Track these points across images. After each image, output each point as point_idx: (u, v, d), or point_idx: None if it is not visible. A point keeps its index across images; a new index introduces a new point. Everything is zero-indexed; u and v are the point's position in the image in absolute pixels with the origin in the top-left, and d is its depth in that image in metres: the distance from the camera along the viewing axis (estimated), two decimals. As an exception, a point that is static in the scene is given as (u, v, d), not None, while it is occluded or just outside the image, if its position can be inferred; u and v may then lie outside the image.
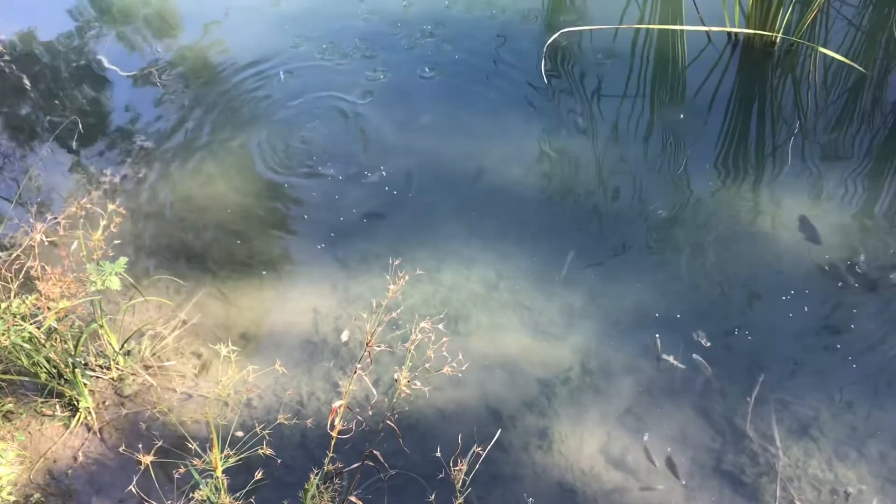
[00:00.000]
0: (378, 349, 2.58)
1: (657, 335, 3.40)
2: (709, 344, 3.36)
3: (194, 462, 2.32)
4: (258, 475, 2.39)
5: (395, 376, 2.55)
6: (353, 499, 2.73)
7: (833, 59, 4.46)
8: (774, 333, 3.39)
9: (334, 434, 2.59)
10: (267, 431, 2.40)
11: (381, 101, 4.53)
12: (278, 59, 4.80)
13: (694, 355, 3.31)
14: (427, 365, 2.61)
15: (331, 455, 2.64)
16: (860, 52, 4.65)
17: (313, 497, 2.58)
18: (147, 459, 2.20)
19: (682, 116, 4.35)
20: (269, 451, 2.32)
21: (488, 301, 3.56)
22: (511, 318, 3.51)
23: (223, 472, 2.42)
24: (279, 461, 2.62)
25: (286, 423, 2.48)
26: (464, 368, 2.65)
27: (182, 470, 2.41)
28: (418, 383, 2.57)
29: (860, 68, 4.45)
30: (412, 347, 2.55)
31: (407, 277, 2.63)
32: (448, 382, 3.21)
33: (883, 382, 3.22)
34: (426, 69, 4.69)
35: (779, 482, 2.96)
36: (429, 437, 3.04)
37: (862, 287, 3.53)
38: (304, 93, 4.60)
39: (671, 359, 3.31)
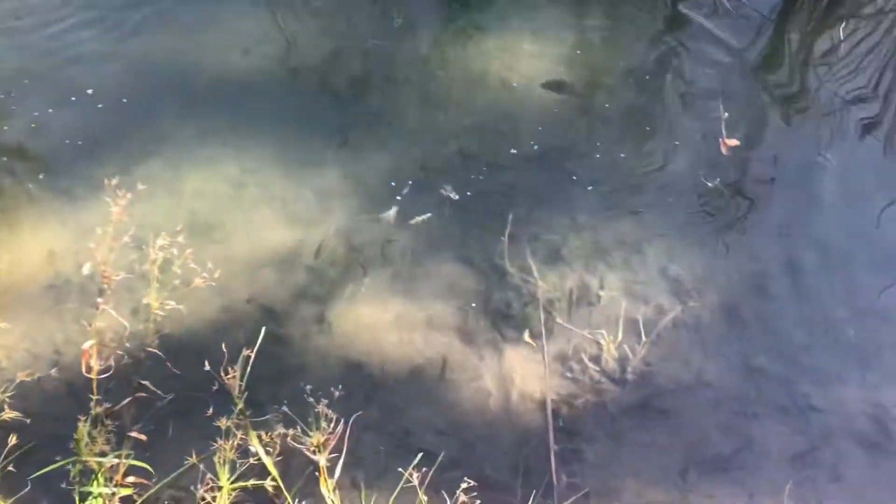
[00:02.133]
0: (120, 277, 2.41)
1: (399, 198, 3.44)
2: (457, 196, 3.46)
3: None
4: (13, 440, 2.20)
5: (145, 301, 2.40)
6: (134, 434, 2.61)
7: None
8: (516, 173, 3.55)
9: (94, 376, 2.44)
10: (8, 394, 2.20)
11: (66, 12, 4.04)
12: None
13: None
14: (177, 282, 2.48)
15: (95, 398, 2.48)
16: None
17: (87, 444, 2.44)
18: None
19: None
20: (14, 415, 2.14)
21: (238, 200, 3.42)
22: (265, 212, 3.40)
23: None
24: (28, 421, 2.43)
25: (28, 379, 2.28)
26: (216, 276, 2.54)
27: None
28: (173, 302, 2.44)
29: None
30: (154, 268, 2.40)
31: (129, 196, 2.44)
32: (213, 292, 3.06)
33: (616, 200, 3.49)
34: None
35: (541, 307, 3.17)
36: (202, 353, 2.91)
37: (589, 116, 3.77)
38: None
39: (423, 218, 3.39)
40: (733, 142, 3.63)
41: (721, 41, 4.09)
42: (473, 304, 3.18)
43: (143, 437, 2.60)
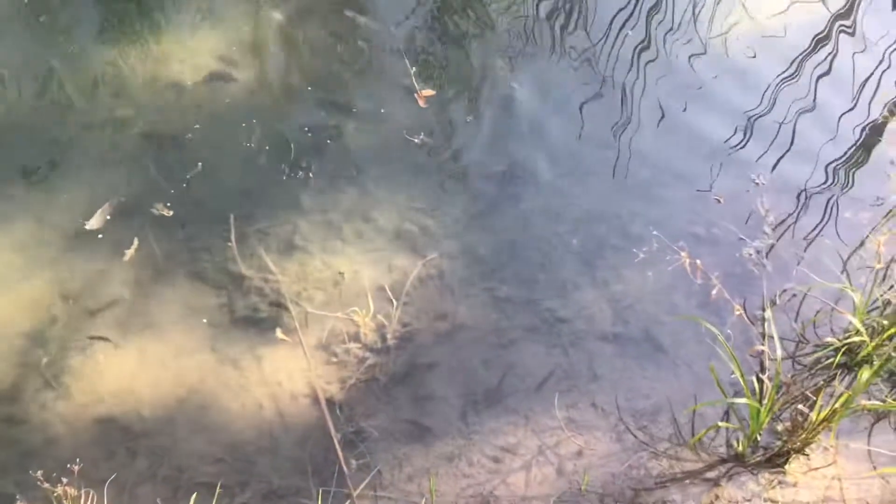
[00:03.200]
0: None
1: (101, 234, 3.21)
2: (171, 212, 3.26)
3: None
4: None
5: None
6: None
7: None
8: (224, 173, 3.42)
9: None
10: None
11: None
12: None
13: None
14: None
15: None
16: None
17: None
18: None
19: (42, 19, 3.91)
20: None
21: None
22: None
23: None
24: None
25: None
26: None
27: None
28: None
29: None
30: None
31: None
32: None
33: (333, 176, 3.45)
34: None
35: (290, 301, 3.09)
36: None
37: (282, 98, 3.69)
38: None
39: (134, 246, 3.17)
40: (427, 92, 3.72)
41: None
42: (219, 320, 3.03)
43: None
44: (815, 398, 2.66)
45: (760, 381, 2.81)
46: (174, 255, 3.17)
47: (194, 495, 2.43)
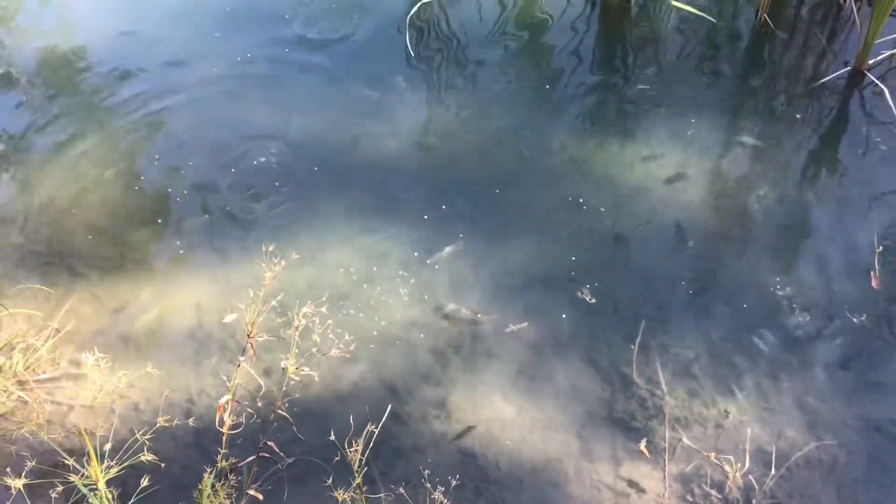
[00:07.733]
0: (263, 338, 2.53)
1: (524, 294, 3.47)
2: (594, 300, 3.44)
3: (70, 478, 2.20)
4: (144, 482, 2.30)
5: (283, 364, 2.50)
6: (251, 492, 2.68)
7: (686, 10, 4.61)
8: (652, 282, 3.51)
9: (224, 430, 2.54)
10: (147, 436, 2.31)
11: (245, 84, 4.40)
12: (137, 56, 4.59)
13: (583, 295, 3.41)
14: (314, 349, 2.58)
15: (223, 451, 2.57)
16: (711, 1, 4.84)
17: (209, 496, 2.52)
18: (18, 483, 2.08)
19: (547, 87, 4.41)
20: (150, 457, 2.24)
21: (374, 278, 3.54)
22: (398, 292, 3.50)
23: (108, 483, 2.32)
24: (162, 465, 2.56)
25: (167, 425, 2.40)
26: (351, 348, 2.63)
27: (60, 489, 2.30)
28: (307, 369, 2.54)
29: (710, 18, 4.62)
30: (296, 333, 2.51)
31: (283, 263, 2.58)
32: (341, 363, 3.17)
33: (754, 322, 3.38)
34: (290, 50, 4.59)
35: (667, 423, 3.08)
36: (325, 421, 3.01)
37: (729, 234, 3.70)
38: (167, 86, 4.41)
39: (521, 326, 3.37)
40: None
41: (876, 174, 3.96)
42: (595, 411, 3.12)
43: (259, 496, 2.67)
44: None
45: None
46: (578, 338, 3.34)
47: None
